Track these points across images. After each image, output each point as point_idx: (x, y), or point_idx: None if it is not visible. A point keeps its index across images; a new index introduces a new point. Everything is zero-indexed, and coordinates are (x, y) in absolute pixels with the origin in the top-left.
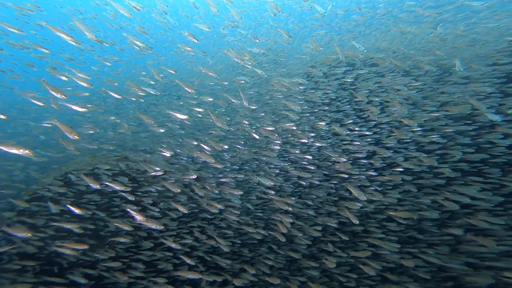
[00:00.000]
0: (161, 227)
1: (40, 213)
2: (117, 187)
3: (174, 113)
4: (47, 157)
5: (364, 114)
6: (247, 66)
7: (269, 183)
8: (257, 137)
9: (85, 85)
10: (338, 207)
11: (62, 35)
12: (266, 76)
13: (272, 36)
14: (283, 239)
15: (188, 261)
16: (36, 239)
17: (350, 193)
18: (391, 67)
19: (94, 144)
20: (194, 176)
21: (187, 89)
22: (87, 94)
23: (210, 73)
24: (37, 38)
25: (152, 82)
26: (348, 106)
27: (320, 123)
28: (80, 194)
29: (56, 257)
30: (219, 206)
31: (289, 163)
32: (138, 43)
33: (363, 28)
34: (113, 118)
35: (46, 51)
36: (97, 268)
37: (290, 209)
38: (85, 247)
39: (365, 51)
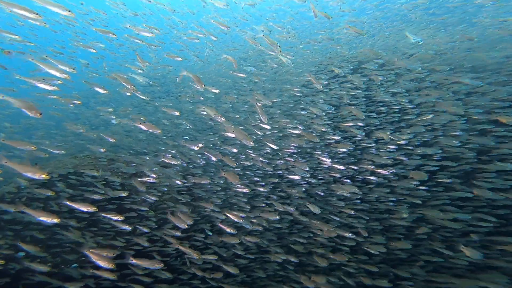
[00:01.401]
0: (161, 266)
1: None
2: (83, 208)
3: (208, 110)
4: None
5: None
6: (272, 53)
7: (318, 211)
8: (274, 146)
9: (58, 74)
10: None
11: (19, 11)
12: (292, 65)
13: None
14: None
15: None
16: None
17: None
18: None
19: (61, 149)
20: (206, 181)
21: (197, 84)
22: (60, 82)
23: (231, 60)
24: (25, 30)
25: (140, 71)
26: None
27: (346, 124)
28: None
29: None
30: (231, 231)
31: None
32: (145, 34)
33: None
34: (110, 110)
35: (16, 36)
36: None
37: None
38: None
39: (422, 42)
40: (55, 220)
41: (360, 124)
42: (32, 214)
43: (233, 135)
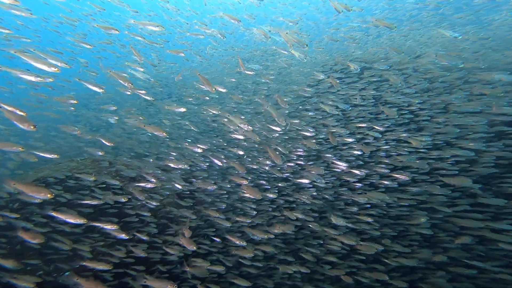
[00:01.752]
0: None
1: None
2: (71, 220)
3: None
4: (14, 162)
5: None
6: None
7: (343, 223)
8: (283, 150)
9: (47, 68)
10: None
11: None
12: (305, 60)
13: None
14: None
15: None
16: None
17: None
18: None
19: (57, 152)
20: (212, 186)
21: (206, 86)
22: (51, 79)
23: (240, 63)
24: (28, 30)
25: (141, 69)
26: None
27: (360, 124)
28: (60, 205)
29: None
30: (240, 244)
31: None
32: (152, 27)
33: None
34: (114, 108)
35: (8, 31)
36: None
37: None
38: None
39: (460, 37)
40: (38, 240)
41: (379, 128)
42: (17, 233)
43: (240, 137)
